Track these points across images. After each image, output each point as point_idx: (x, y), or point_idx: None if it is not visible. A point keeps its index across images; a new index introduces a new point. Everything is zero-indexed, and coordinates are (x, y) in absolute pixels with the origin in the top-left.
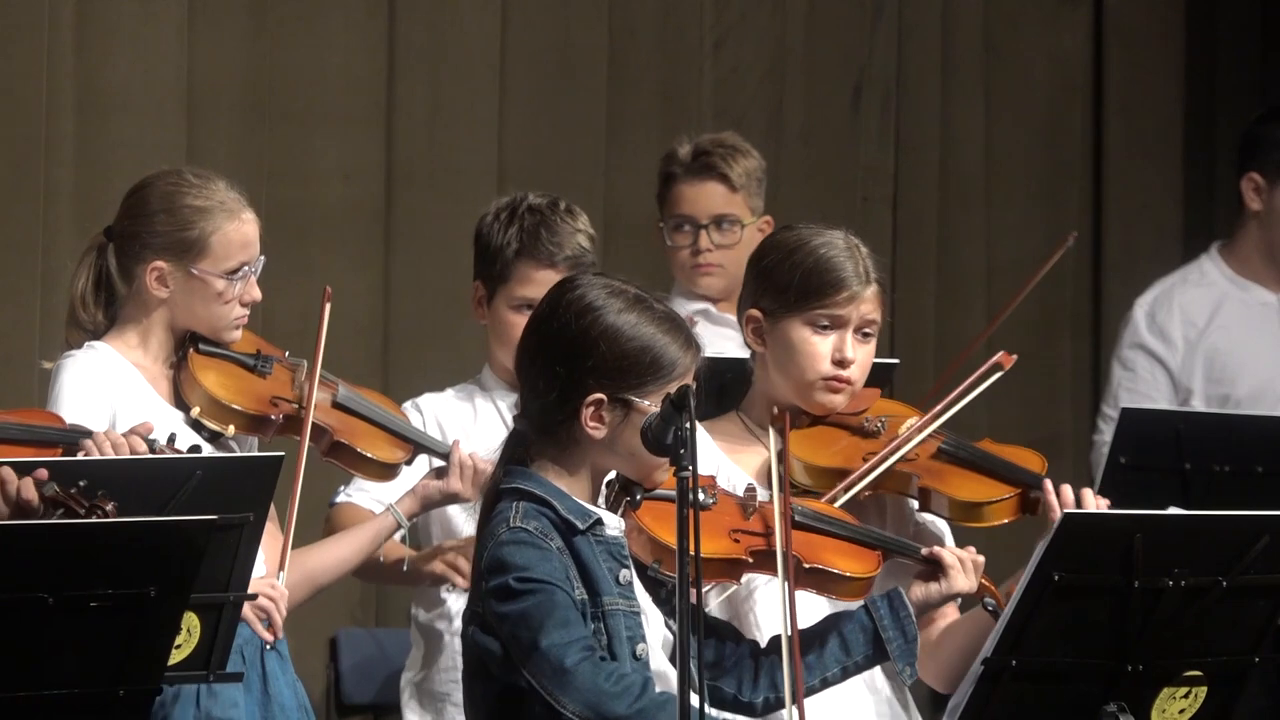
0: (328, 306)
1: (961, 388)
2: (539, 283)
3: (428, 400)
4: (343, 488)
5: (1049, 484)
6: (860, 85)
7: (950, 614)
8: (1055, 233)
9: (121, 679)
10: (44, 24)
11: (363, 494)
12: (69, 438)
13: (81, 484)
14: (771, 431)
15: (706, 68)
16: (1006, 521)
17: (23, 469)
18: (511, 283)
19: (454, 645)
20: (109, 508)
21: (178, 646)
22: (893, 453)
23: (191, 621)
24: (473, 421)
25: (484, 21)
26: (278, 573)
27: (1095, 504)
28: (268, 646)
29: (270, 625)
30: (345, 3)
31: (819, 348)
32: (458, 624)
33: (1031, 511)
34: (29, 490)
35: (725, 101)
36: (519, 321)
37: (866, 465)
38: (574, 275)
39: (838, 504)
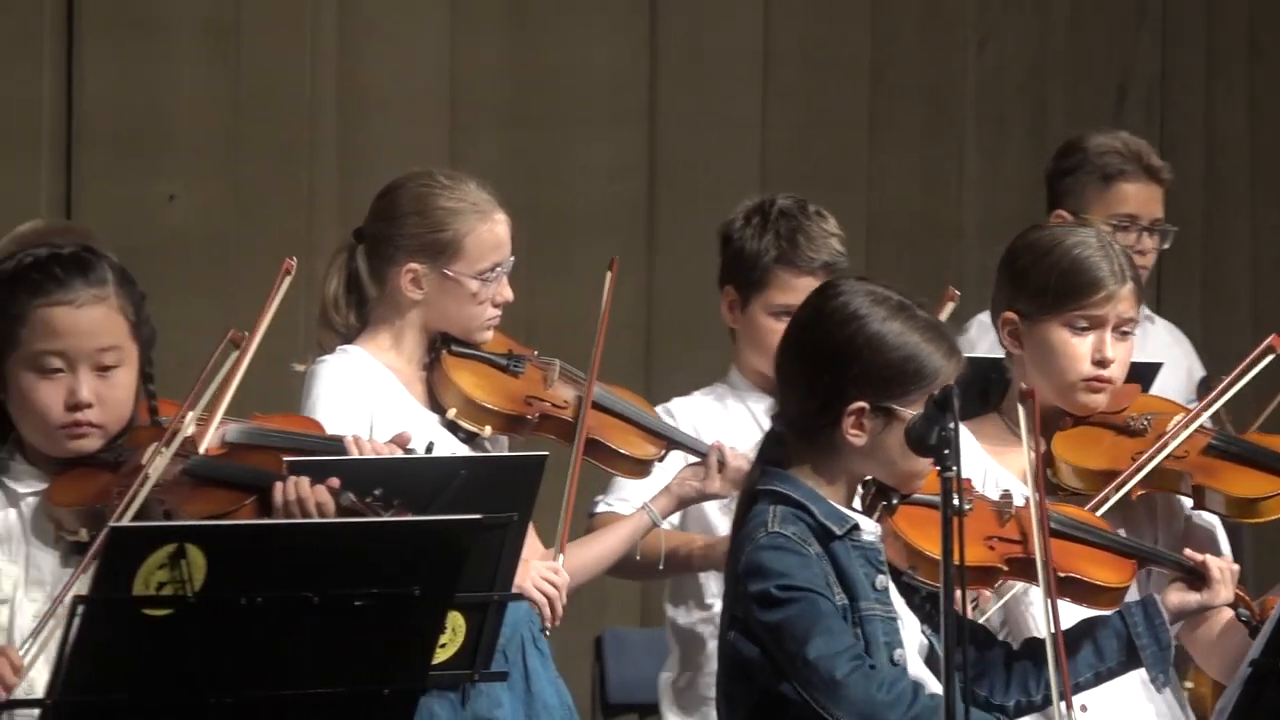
0: (609, 277)
1: (1231, 376)
2: (798, 289)
3: (679, 404)
4: (601, 496)
5: None
6: (1124, 85)
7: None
8: None
9: (386, 678)
10: (306, 26)
11: (624, 503)
12: (329, 446)
13: (377, 492)
14: (1022, 415)
15: (969, 67)
16: None
17: (315, 477)
18: (770, 289)
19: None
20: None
21: (442, 645)
22: (1161, 449)
23: (456, 621)
24: (725, 422)
25: (747, 20)
26: (556, 556)
27: None
28: (546, 631)
29: (551, 611)
30: (607, 1)
31: (1078, 349)
32: None
33: None
34: (325, 498)
35: (988, 101)
36: (777, 327)
37: (1136, 464)
38: (836, 281)
39: (1108, 504)
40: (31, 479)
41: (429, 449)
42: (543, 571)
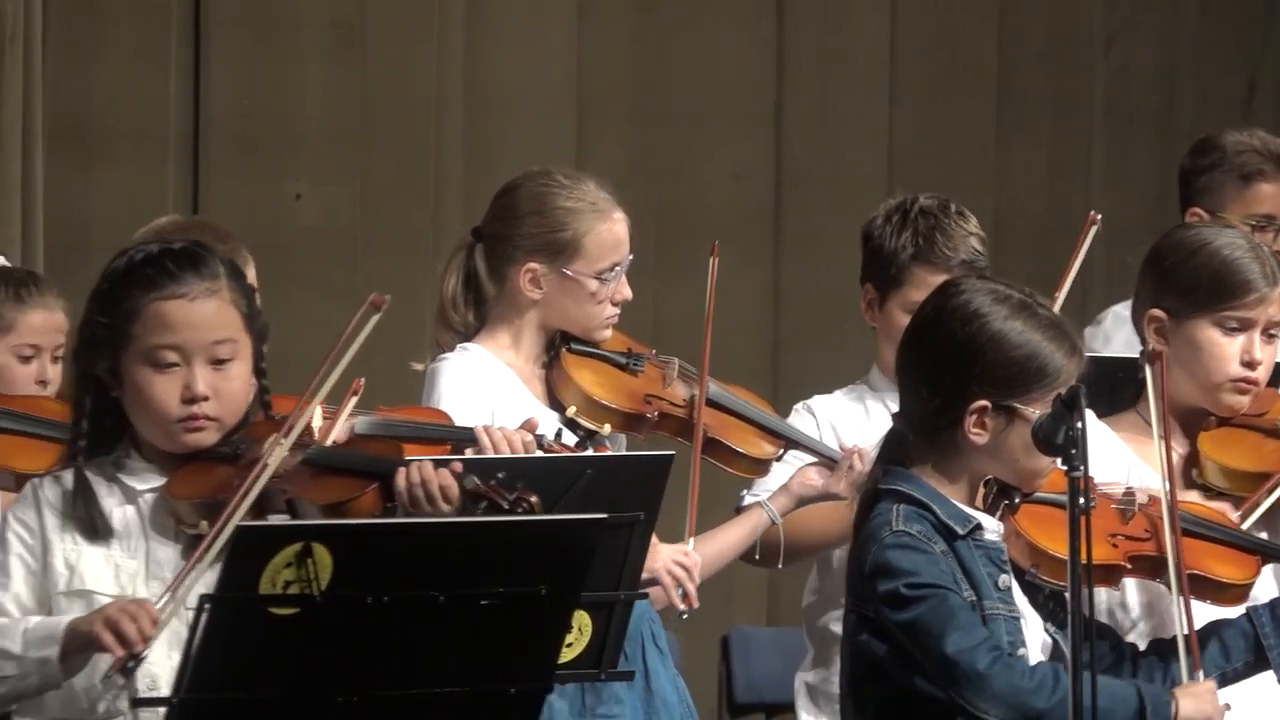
0: (712, 264)
1: None
2: (934, 287)
3: (819, 402)
4: (746, 490)
5: None
6: (1254, 83)
7: None
8: None
9: (513, 677)
10: (434, 24)
11: (769, 494)
12: (456, 435)
13: (500, 475)
14: (1149, 376)
15: (1097, 66)
16: None
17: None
18: (907, 287)
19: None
20: (533, 500)
21: (569, 645)
22: None
23: (583, 620)
24: (865, 421)
25: (874, 22)
26: (687, 539)
27: None
28: (683, 616)
29: (685, 595)
30: (733, 3)
31: (1228, 349)
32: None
33: None
34: (449, 481)
35: (1116, 100)
36: None
37: None
38: (956, 280)
39: (1261, 509)
40: (148, 475)
41: (558, 436)
42: (674, 555)
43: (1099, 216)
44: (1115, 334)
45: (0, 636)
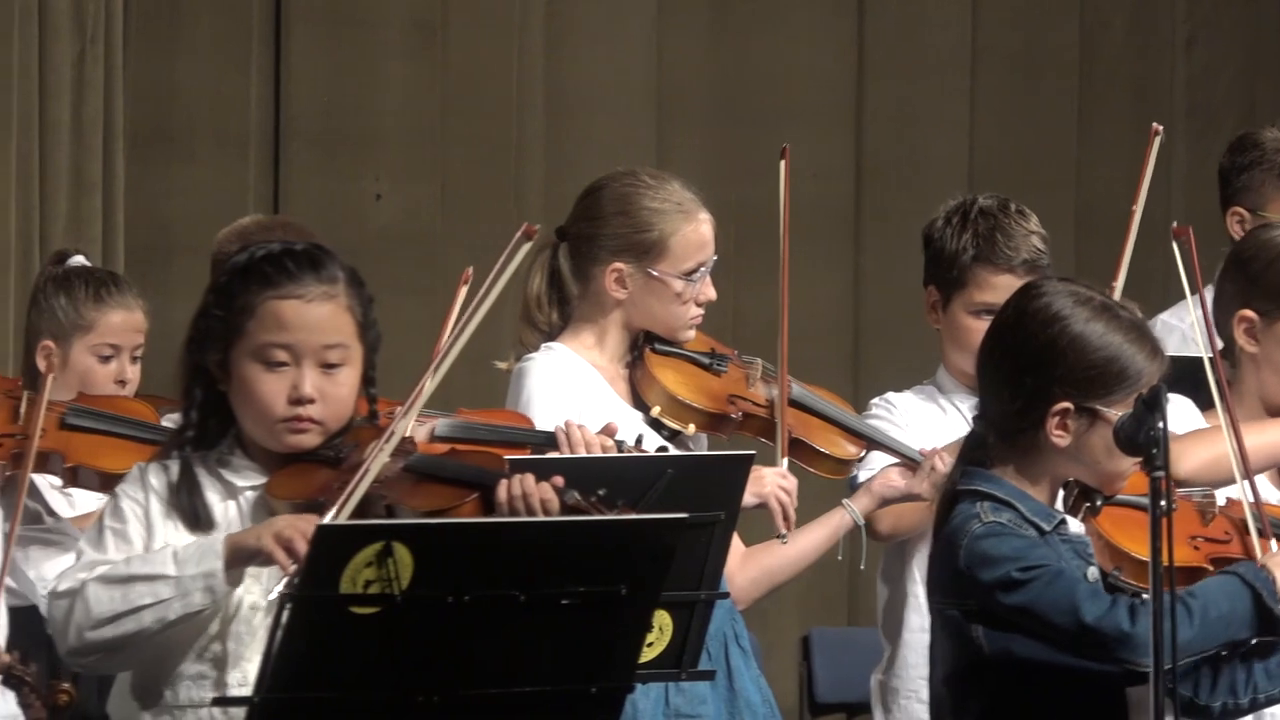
0: (782, 167)
1: None
2: (997, 287)
3: (895, 398)
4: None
5: None
6: None
7: None
8: None
9: (593, 676)
10: (514, 24)
11: (869, 473)
12: (536, 439)
13: (601, 492)
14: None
15: (1178, 65)
16: None
17: (538, 475)
18: (969, 288)
19: (918, 643)
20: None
21: (649, 644)
22: None
23: (663, 619)
24: (940, 421)
25: (954, 19)
26: (781, 461)
27: None
28: (783, 539)
29: (786, 518)
30: (813, 1)
31: None
32: (926, 621)
33: None
34: (550, 495)
35: (1197, 99)
36: (977, 326)
37: None
38: (1038, 282)
39: None
40: (250, 473)
41: (638, 441)
42: (777, 480)
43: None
44: (1166, 339)
45: (144, 564)
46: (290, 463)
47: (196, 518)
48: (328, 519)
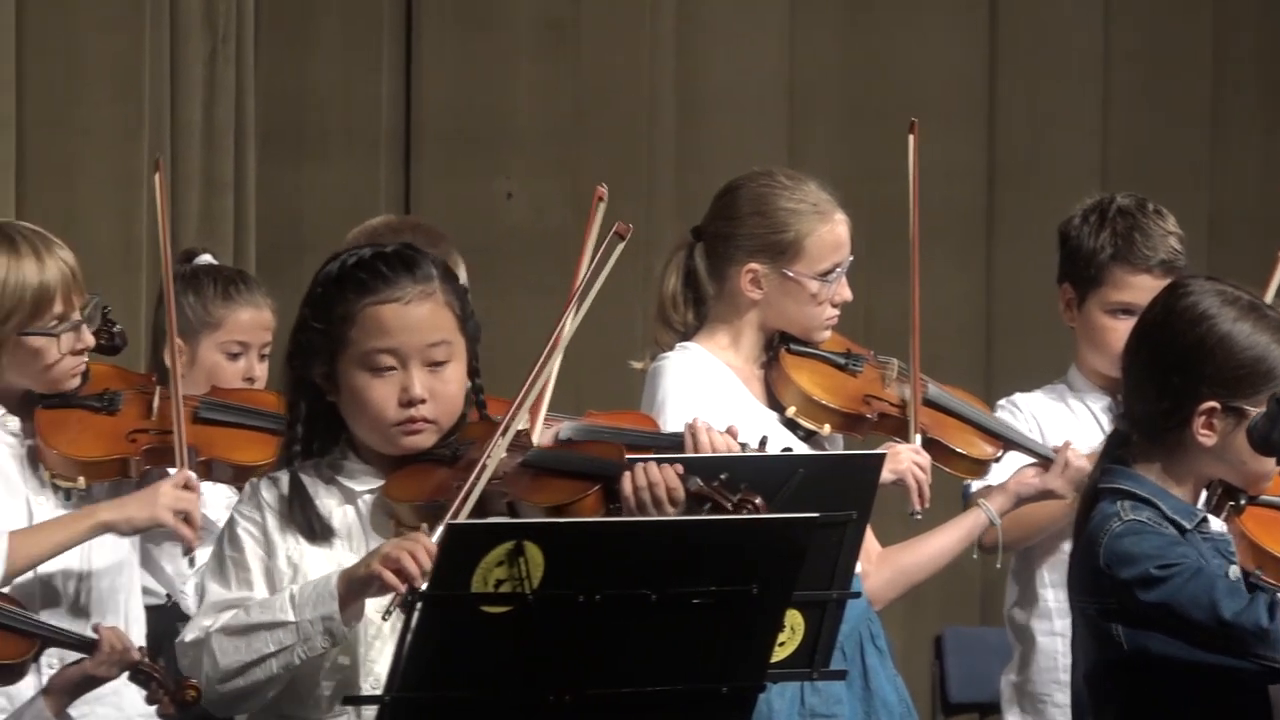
0: (910, 140)
1: None
2: (1134, 287)
3: (1023, 399)
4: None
5: None
6: None
7: None
8: None
9: (725, 676)
10: (646, 22)
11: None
12: (662, 441)
13: (723, 477)
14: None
15: None
16: None
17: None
18: (1106, 287)
19: (1049, 645)
20: (757, 501)
21: (781, 644)
22: None
23: (795, 619)
24: (1071, 421)
25: (1086, 18)
26: (913, 437)
27: None
28: (916, 516)
29: (921, 495)
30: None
31: None
32: (1055, 624)
33: None
34: (675, 482)
35: None
36: (1113, 325)
37: None
38: (1185, 281)
39: None
40: (366, 477)
41: (762, 444)
42: (912, 456)
43: None
44: None
45: (264, 612)
46: (406, 464)
47: (312, 530)
48: (448, 518)
